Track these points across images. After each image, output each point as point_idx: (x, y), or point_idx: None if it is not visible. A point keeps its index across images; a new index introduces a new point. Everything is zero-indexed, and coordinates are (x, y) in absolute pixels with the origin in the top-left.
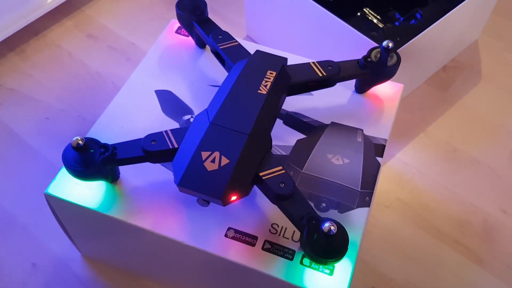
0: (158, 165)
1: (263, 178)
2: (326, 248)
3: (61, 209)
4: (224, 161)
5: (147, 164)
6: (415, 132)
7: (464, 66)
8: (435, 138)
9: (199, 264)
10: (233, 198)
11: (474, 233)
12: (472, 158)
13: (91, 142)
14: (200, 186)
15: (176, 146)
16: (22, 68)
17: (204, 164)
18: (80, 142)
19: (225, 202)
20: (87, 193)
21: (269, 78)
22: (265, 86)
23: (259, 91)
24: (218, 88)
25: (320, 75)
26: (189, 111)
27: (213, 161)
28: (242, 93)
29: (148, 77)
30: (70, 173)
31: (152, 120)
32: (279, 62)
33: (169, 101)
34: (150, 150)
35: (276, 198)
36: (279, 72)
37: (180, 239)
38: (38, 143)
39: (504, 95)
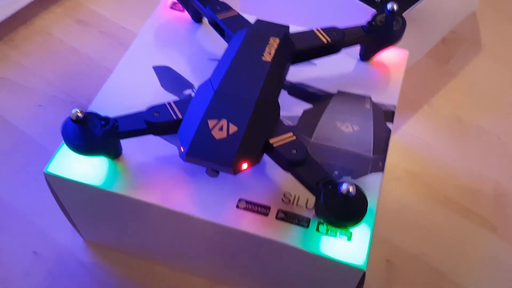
0: (161, 139)
1: (274, 145)
2: (346, 210)
3: (62, 190)
4: (233, 128)
5: (150, 139)
6: (419, 104)
7: (463, 38)
8: (440, 110)
9: (210, 240)
10: (244, 166)
11: (485, 201)
12: (477, 128)
13: (91, 115)
14: (209, 155)
15: (180, 117)
16: (11, 56)
17: (212, 132)
18: (80, 114)
19: (235, 170)
20: (89, 170)
21: (273, 45)
22: (269, 53)
23: (263, 58)
24: (217, 61)
25: (325, 41)
26: (189, 85)
27: (220, 129)
28: (246, 61)
29: (144, 53)
30: (70, 148)
31: (152, 96)
32: (282, 29)
33: (168, 77)
34: (153, 121)
35: (289, 165)
36: (282, 39)
37: (190, 213)
38: (32, 131)
39: (504, 66)
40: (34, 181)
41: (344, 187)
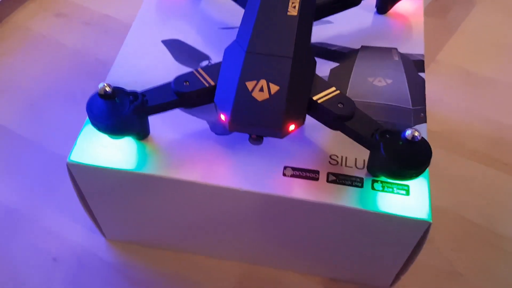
0: (186, 115)
1: (318, 102)
2: (412, 156)
3: (87, 179)
4: (274, 88)
5: (175, 115)
6: (426, 63)
7: None
8: (447, 65)
9: (258, 215)
10: (291, 127)
11: (508, 149)
12: (486, 78)
13: (117, 91)
14: (255, 119)
15: (212, 83)
16: None
17: (253, 94)
18: (108, 89)
19: (284, 132)
20: (117, 154)
21: (295, 0)
22: (294, 7)
23: (288, 13)
24: (230, 30)
25: None
26: (205, 56)
27: (261, 90)
28: (271, 17)
29: (149, 28)
30: (97, 128)
31: (167, 71)
32: None
33: (180, 49)
34: (184, 91)
35: (338, 121)
36: None
37: (236, 186)
38: (28, 132)
39: (500, 14)
40: (41, 185)
41: (409, 132)
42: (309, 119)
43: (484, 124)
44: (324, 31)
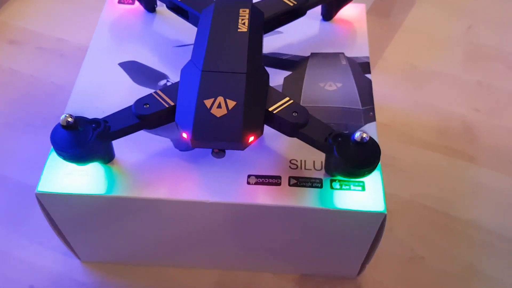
0: (149, 135)
1: (274, 112)
2: (362, 157)
3: (57, 207)
4: (231, 103)
5: (140, 136)
6: (374, 61)
7: None
8: (394, 62)
9: (226, 223)
10: (251, 139)
11: (457, 135)
12: (431, 71)
13: (79, 120)
14: (216, 134)
15: (172, 104)
16: None
17: (211, 111)
18: (70, 119)
19: (244, 144)
20: (84, 180)
21: (244, 16)
22: (243, 24)
23: (239, 29)
24: (184, 47)
25: (291, 4)
26: (162, 76)
27: (219, 106)
28: (222, 36)
29: (105, 53)
30: (63, 158)
31: (127, 94)
32: (247, 0)
33: (137, 71)
34: (145, 114)
35: (294, 128)
36: (251, 9)
37: (203, 199)
38: None
39: (439, 10)
40: (6, 215)
41: (357, 134)
42: (267, 128)
43: (431, 114)
44: (275, 41)
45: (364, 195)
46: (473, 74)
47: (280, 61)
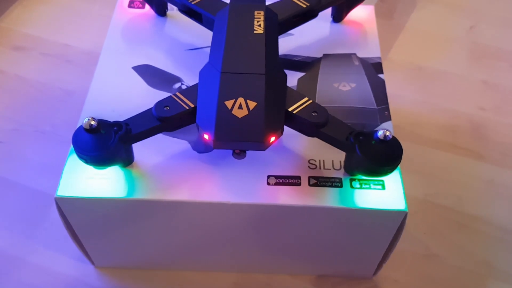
0: (168, 138)
1: (294, 112)
2: (386, 154)
3: (76, 212)
4: (252, 104)
5: (158, 139)
6: None
7: None
8: (399, 62)
9: (248, 224)
10: (272, 139)
11: (465, 134)
12: (436, 71)
13: (101, 123)
14: (238, 135)
15: (192, 105)
16: None
17: (233, 112)
18: (93, 122)
19: (266, 145)
20: (104, 184)
21: (259, 18)
22: (259, 25)
23: (255, 31)
24: (196, 50)
25: (304, 6)
26: (176, 79)
27: (240, 107)
28: (239, 37)
29: (118, 57)
30: (84, 161)
31: (142, 97)
32: (261, 2)
33: (151, 74)
34: (166, 116)
35: (314, 128)
36: (266, 10)
37: (224, 200)
38: (2, 171)
39: (441, 11)
40: (20, 222)
41: (381, 132)
42: (285, 129)
43: (439, 114)
44: (286, 43)
45: (384, 194)
46: (478, 73)
47: (292, 62)
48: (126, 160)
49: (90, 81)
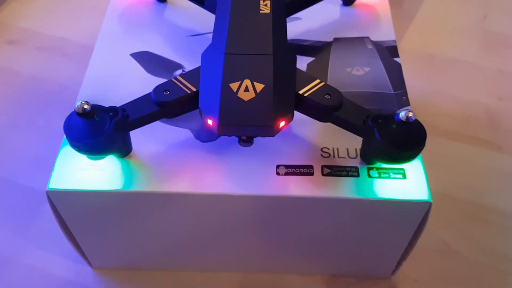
0: (169, 126)
1: (305, 95)
2: (408, 137)
3: (69, 206)
4: (259, 86)
5: (158, 128)
6: None
7: None
8: (410, 51)
9: (256, 218)
10: (282, 123)
11: (481, 125)
12: (449, 60)
13: (95, 108)
14: (244, 119)
15: (194, 89)
16: None
17: (238, 95)
18: (86, 106)
19: (275, 130)
20: (100, 175)
21: None
22: (265, 5)
23: (261, 11)
24: (198, 36)
25: None
26: (177, 65)
27: (246, 89)
28: (245, 18)
29: (115, 43)
30: (77, 149)
31: (141, 84)
32: None
33: (151, 61)
34: (166, 100)
35: (328, 112)
36: None
37: (230, 191)
38: None
39: None
40: (13, 221)
41: (403, 113)
42: (295, 114)
43: (454, 104)
44: (295, 27)
45: (406, 183)
46: (492, 62)
47: (302, 47)
48: (123, 149)
49: None
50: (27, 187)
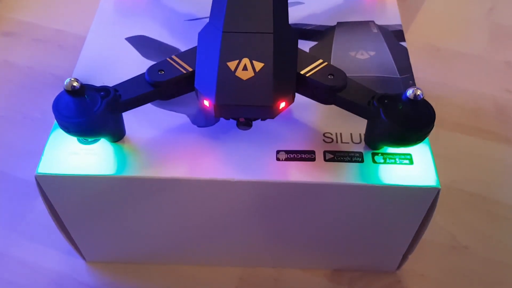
0: (165, 111)
1: (307, 75)
2: (417, 118)
3: (60, 193)
4: (258, 65)
5: (153, 111)
6: None
7: None
8: (416, 44)
9: (255, 206)
10: (282, 104)
11: (489, 117)
12: (456, 52)
13: (86, 87)
14: (242, 98)
15: (190, 69)
16: None
17: (236, 74)
18: (76, 83)
19: (275, 111)
20: (91, 160)
21: None
22: None
23: None
24: (196, 21)
25: None
26: (174, 50)
27: (245, 68)
28: None
29: (110, 27)
30: (67, 130)
31: (136, 68)
32: None
33: (147, 46)
34: (160, 80)
35: (331, 92)
36: None
37: (227, 177)
38: None
39: None
40: (4, 213)
41: (410, 91)
42: (296, 97)
43: (461, 96)
44: (297, 12)
45: (412, 169)
46: (500, 54)
47: (304, 31)
48: (115, 132)
49: None
50: (21, 179)
